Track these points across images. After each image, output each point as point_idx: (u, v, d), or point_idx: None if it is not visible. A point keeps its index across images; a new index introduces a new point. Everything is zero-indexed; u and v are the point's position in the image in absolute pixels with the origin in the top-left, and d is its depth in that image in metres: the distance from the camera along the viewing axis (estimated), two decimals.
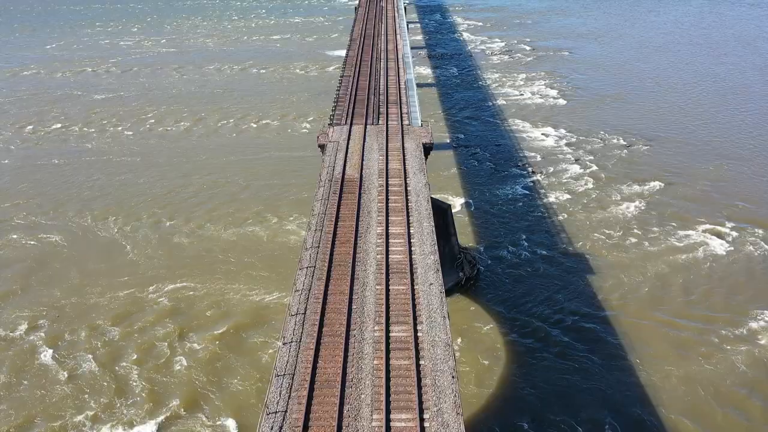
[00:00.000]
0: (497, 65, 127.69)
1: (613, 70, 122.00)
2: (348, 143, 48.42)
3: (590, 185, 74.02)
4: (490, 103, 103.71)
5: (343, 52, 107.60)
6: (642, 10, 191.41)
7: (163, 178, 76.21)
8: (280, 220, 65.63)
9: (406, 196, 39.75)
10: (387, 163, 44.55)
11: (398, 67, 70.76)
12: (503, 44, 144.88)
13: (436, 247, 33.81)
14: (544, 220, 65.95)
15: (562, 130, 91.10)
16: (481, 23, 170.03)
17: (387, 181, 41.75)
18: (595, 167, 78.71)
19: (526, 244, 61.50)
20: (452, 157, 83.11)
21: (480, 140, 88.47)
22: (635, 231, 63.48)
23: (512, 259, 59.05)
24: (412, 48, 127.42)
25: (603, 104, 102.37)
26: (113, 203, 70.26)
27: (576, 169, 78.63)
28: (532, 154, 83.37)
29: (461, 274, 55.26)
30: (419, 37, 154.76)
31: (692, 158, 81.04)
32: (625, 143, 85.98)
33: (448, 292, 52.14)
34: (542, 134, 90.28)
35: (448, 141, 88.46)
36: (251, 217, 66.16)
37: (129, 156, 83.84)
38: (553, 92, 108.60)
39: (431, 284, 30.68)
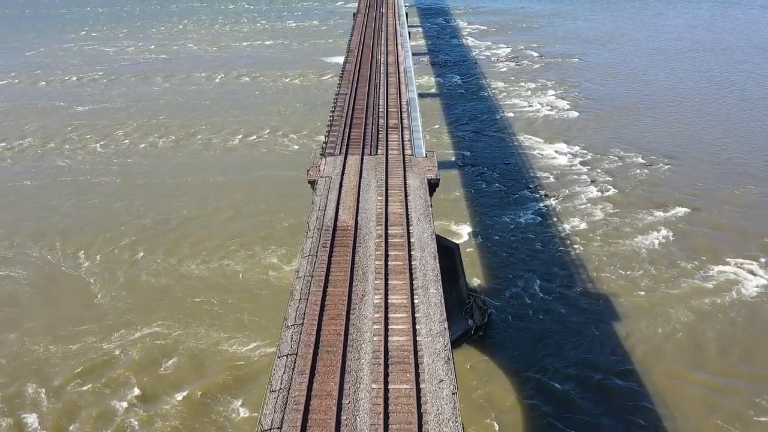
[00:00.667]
0: (503, 73, 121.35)
1: (625, 79, 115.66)
2: (342, 179, 42.11)
3: (608, 211, 67.73)
4: (498, 116, 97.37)
5: (340, 59, 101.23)
6: (649, 13, 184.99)
7: (142, 203, 69.91)
8: (266, 253, 59.35)
9: (409, 250, 33.44)
10: (387, 206, 38.28)
11: (399, 83, 64.44)
12: (509, 50, 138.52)
13: (446, 324, 27.57)
14: (560, 254, 59.64)
15: (576, 147, 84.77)
16: (485, 27, 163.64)
17: (386, 230, 35.48)
18: (613, 190, 72.40)
19: (540, 282, 55.24)
20: (458, 177, 76.83)
21: (487, 158, 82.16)
22: (660, 267, 57.20)
23: (526, 300, 52.81)
24: (413, 54, 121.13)
25: (617, 117, 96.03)
26: (85, 233, 63.96)
27: (592, 191, 72.33)
28: (545, 174, 77.06)
29: (470, 321, 49.05)
30: (421, 42, 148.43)
31: (717, 180, 74.74)
32: (644, 162, 79.68)
33: (456, 343, 45.98)
34: (555, 151, 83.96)
35: (453, 159, 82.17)
36: (234, 251, 59.86)
37: (108, 176, 77.53)
38: (564, 103, 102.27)
39: (441, 381, 24.41)
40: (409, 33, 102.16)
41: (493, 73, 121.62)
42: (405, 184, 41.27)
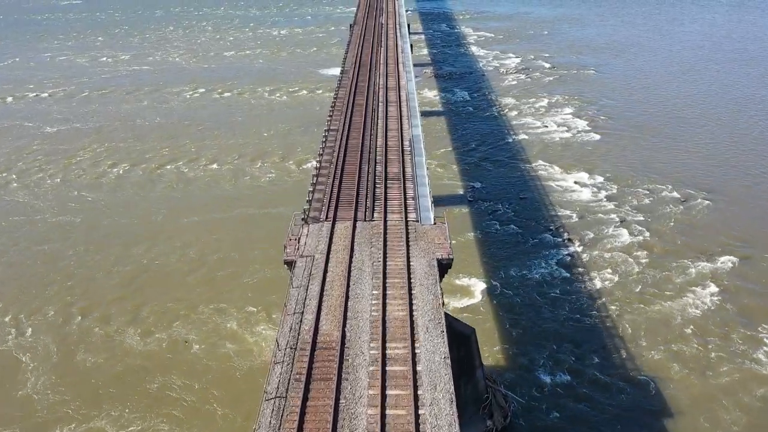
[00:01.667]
0: (514, 87, 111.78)
1: (645, 94, 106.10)
2: (327, 260, 32.60)
3: (643, 261, 58.26)
4: (509, 139, 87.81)
5: (336, 71, 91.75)
6: (662, 19, 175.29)
7: (99, 251, 60.36)
8: (229, 317, 49.90)
9: (415, 387, 23.92)
10: (384, 306, 28.81)
11: (401, 115, 54.86)
12: (518, 60, 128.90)
13: None
14: (591, 321, 50.16)
15: (599, 177, 75.23)
16: (491, 34, 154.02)
17: (384, 349, 25.99)
18: (646, 233, 62.88)
19: (571, 361, 45.82)
20: (467, 216, 67.32)
21: (500, 191, 72.64)
22: (713, 338, 47.80)
23: (555, 389, 43.38)
24: (415, 65, 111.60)
25: (642, 140, 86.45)
26: (24, 290, 54.47)
27: (623, 235, 62.81)
28: (566, 211, 67.53)
29: (489, 422, 39.59)
30: (424, 52, 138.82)
31: (765, 218, 65.28)
32: (678, 196, 70.15)
33: None
34: (575, 182, 74.43)
35: (462, 192, 72.66)
36: (201, 316, 50.34)
37: (68, 215, 68.01)
38: (582, 123, 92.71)
39: None
40: (411, 46, 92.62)
41: (502, 86, 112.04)
42: (408, 268, 31.77)
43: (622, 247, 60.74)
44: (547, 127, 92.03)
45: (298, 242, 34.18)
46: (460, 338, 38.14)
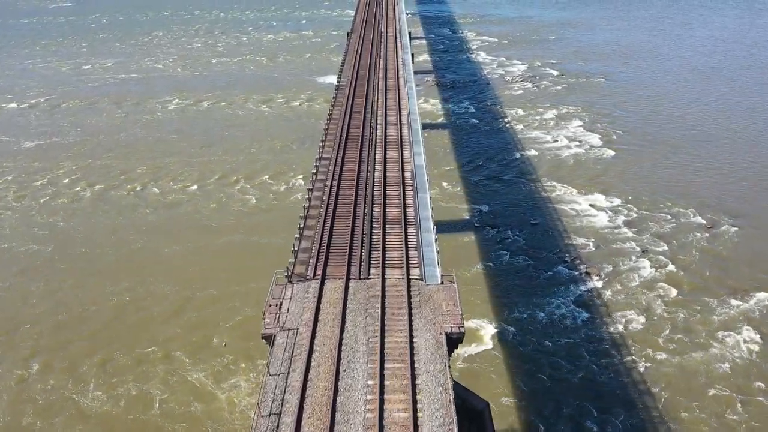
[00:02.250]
0: (520, 96, 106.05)
1: (660, 105, 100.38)
2: (313, 335, 26.93)
3: (670, 299, 52.65)
4: (517, 155, 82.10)
5: (333, 78, 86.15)
6: (671, 22, 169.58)
7: (66, 286, 54.73)
8: (206, 371, 44.24)
9: None
10: (381, 403, 23.14)
11: (401, 140, 49.10)
12: (525, 67, 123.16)
13: None
14: (617, 375, 44.55)
15: (616, 199, 69.54)
16: (496, 39, 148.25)
17: None
18: (671, 266, 57.23)
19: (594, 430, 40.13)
20: (474, 244, 61.64)
21: (509, 216, 66.96)
22: (756, 401, 42.04)
23: None
24: (416, 73, 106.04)
25: (660, 156, 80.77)
26: None
27: (645, 268, 57.15)
28: (582, 240, 61.86)
29: None
30: (426, 57, 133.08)
31: None
32: (703, 222, 64.50)
33: None
34: (590, 205, 68.72)
35: (468, 217, 66.98)
36: (170, 372, 44.67)
37: (38, 243, 62.31)
38: (594, 138, 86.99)
39: None
40: (413, 55, 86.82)
41: (508, 96, 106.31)
42: (411, 346, 26.11)
43: (646, 282, 55.09)
44: (557, 141, 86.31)
45: (280, 309, 28.51)
46: (472, 414, 32.58)
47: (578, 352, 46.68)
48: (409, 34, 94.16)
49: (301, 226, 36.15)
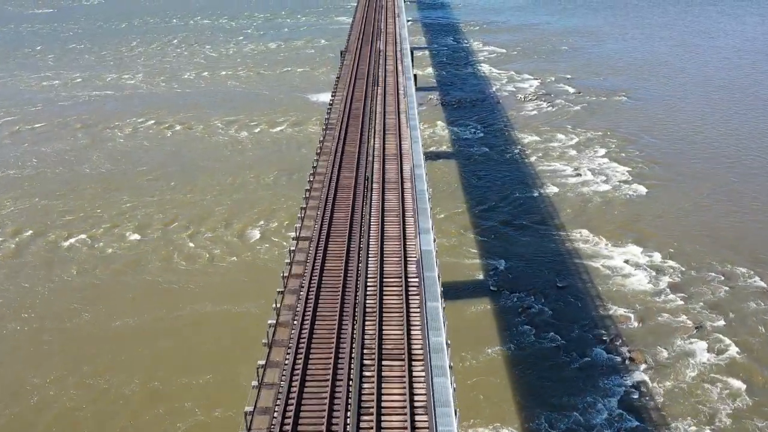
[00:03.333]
0: (535, 119, 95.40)
1: (692, 129, 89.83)
2: None
3: (738, 398, 42.25)
4: (536, 192, 71.47)
5: (327, 96, 75.44)
6: (687, 31, 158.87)
7: None
8: None
9: None
10: None
11: (403, 209, 38.29)
12: (537, 83, 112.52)
13: None
14: None
15: (655, 253, 58.93)
16: (503, 50, 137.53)
17: None
18: (733, 349, 46.84)
19: None
20: (490, 315, 51.09)
21: (531, 275, 56.38)
22: None
23: None
24: (419, 90, 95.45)
25: (700, 195, 70.26)
26: None
27: (702, 352, 46.66)
28: (620, 309, 51.29)
29: None
30: (428, 71, 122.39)
31: None
32: (763, 285, 53.92)
33: None
34: (626, 261, 58.12)
35: (482, 276, 56.31)
36: None
37: None
38: (622, 170, 76.38)
39: None
40: (416, 77, 76.07)
41: (521, 118, 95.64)
42: None
43: (705, 373, 44.52)
44: (580, 175, 75.64)
45: None
46: None
47: None
48: (412, 53, 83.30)
49: (263, 366, 25.39)
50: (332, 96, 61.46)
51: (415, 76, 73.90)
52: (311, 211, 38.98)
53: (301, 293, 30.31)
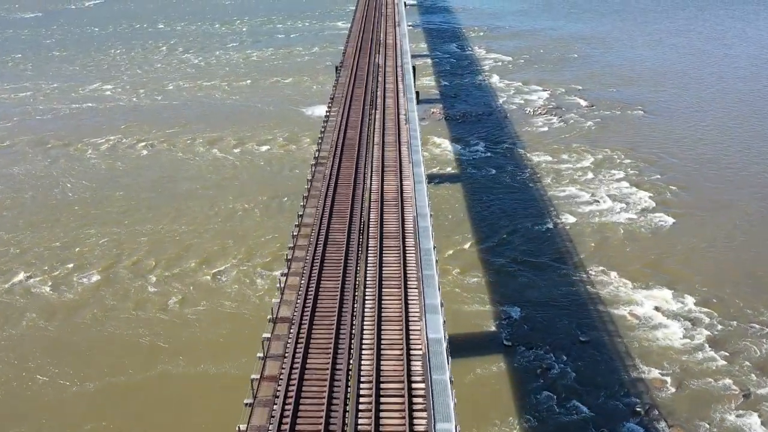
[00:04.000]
0: (545, 136, 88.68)
1: (715, 149, 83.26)
2: None
3: None
4: (550, 223, 64.73)
5: (323, 110, 68.81)
6: (698, 37, 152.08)
7: None
8: None
9: None
10: None
11: (405, 280, 31.51)
12: (546, 95, 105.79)
13: None
14: None
15: (689, 299, 52.21)
16: (509, 58, 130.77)
17: None
18: None
19: None
20: (505, 378, 44.49)
21: (549, 326, 49.71)
22: None
23: None
24: (421, 102, 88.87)
25: (733, 227, 63.57)
26: None
27: (756, 428, 39.70)
28: (654, 371, 44.67)
29: None
30: (431, 81, 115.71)
31: None
32: None
33: None
34: (656, 308, 51.45)
35: (494, 328, 49.58)
36: None
37: None
38: (644, 197, 69.70)
39: None
40: (418, 93, 69.31)
41: (531, 135, 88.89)
42: None
43: None
44: (598, 202, 68.87)
45: None
46: None
47: None
48: (414, 69, 76.30)
49: None
50: (324, 122, 54.44)
51: (417, 93, 67.18)
52: (292, 286, 31.92)
53: (281, 390, 23.59)
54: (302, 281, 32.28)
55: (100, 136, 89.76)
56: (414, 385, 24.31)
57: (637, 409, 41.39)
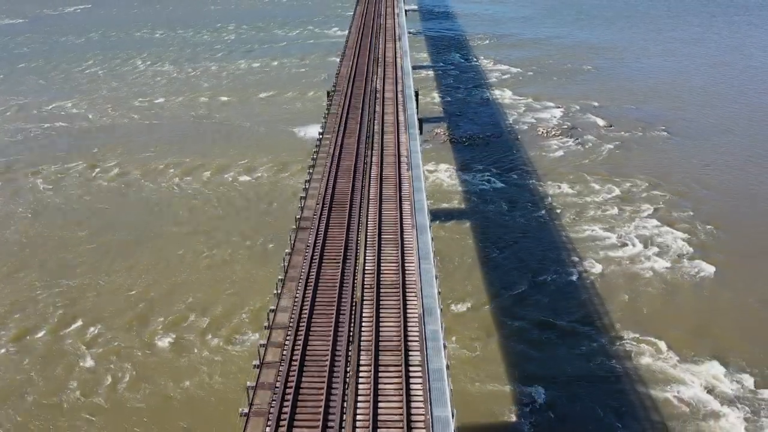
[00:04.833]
0: (561, 162, 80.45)
1: (750, 178, 75.42)
2: None
3: None
4: (574, 273, 56.44)
5: (316, 130, 60.67)
6: (715, 47, 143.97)
7: None
8: None
9: None
10: None
11: (406, 363, 23.41)
12: (560, 113, 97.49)
13: None
14: None
15: (744, 376, 44.16)
16: (517, 69, 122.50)
17: None
18: None
19: None
20: None
21: (580, 413, 41.51)
22: None
23: None
24: (424, 121, 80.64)
25: None
26: None
27: None
28: None
29: None
30: (434, 97, 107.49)
31: None
32: None
33: None
34: (706, 388, 43.44)
35: (515, 418, 41.20)
36: None
37: None
38: (679, 239, 61.46)
39: None
40: (421, 121, 61.04)
41: (545, 161, 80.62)
42: None
43: None
44: (626, 245, 60.58)
45: None
46: None
47: None
48: (416, 93, 67.72)
49: None
50: (310, 170, 45.53)
51: (420, 122, 58.93)
52: (272, 366, 23.67)
53: None
54: (285, 359, 23.94)
55: (58, 162, 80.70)
56: None
57: None
